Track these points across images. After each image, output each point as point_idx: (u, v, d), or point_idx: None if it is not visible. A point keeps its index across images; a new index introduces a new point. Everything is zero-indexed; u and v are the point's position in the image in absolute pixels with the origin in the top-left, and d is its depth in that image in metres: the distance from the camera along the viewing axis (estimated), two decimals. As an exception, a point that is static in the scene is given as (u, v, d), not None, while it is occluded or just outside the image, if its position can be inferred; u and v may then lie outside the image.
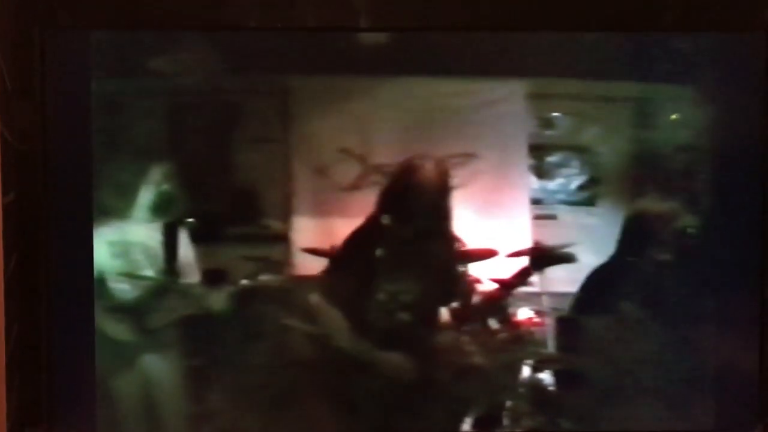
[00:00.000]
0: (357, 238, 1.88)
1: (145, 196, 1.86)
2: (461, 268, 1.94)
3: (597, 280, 1.91)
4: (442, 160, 1.87)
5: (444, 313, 1.93)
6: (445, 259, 1.94)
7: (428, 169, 1.86)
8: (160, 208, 1.87)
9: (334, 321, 1.86)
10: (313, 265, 1.92)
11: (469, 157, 1.91)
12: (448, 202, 1.89)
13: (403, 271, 1.88)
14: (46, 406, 1.64)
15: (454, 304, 1.93)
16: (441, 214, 1.90)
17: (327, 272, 1.91)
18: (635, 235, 1.90)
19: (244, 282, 1.90)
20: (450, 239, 1.91)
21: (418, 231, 1.88)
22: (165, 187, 1.86)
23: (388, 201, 1.87)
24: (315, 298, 1.87)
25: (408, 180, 1.87)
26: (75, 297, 1.67)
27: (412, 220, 1.88)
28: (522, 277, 1.95)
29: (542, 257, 1.92)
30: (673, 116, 1.88)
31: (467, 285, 1.95)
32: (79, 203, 1.66)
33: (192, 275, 1.91)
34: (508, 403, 1.93)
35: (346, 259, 1.89)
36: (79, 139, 1.63)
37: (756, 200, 1.79)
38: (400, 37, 1.83)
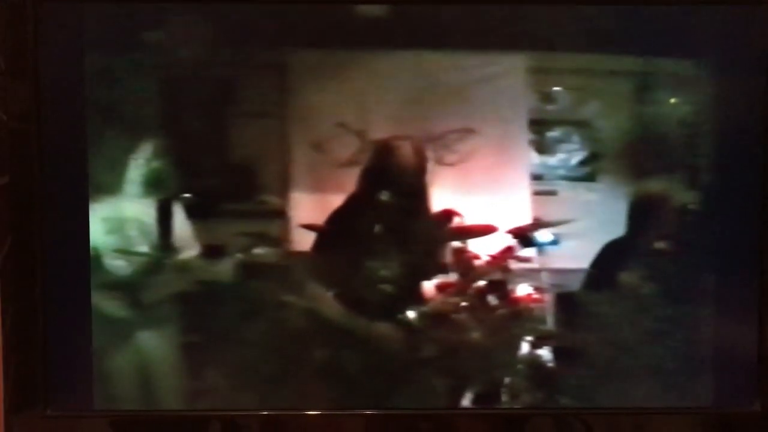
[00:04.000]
0: (344, 213, 1.87)
1: (141, 171, 1.83)
2: (449, 244, 1.94)
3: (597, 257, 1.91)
4: (418, 140, 1.86)
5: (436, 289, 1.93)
6: (429, 234, 1.93)
7: (404, 147, 1.86)
8: (155, 184, 1.85)
9: (325, 296, 1.86)
10: (310, 241, 1.90)
11: (468, 132, 1.89)
12: (424, 179, 1.88)
13: (390, 247, 1.88)
14: (42, 387, 1.63)
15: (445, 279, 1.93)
16: (418, 191, 1.89)
17: (318, 248, 1.89)
18: (635, 214, 1.90)
19: (241, 258, 1.89)
20: (431, 215, 1.90)
21: (397, 207, 1.88)
22: (161, 162, 1.83)
23: (369, 178, 1.87)
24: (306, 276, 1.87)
25: (384, 159, 1.86)
26: (71, 277, 1.65)
27: (391, 196, 1.88)
28: (506, 254, 1.94)
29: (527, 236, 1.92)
30: (672, 100, 1.87)
31: (457, 260, 1.94)
32: (75, 182, 1.64)
33: (188, 251, 1.89)
34: (507, 380, 1.93)
35: (338, 234, 1.88)
36: (73, 117, 1.60)
37: (757, 178, 1.79)
38: (399, 10, 1.79)
